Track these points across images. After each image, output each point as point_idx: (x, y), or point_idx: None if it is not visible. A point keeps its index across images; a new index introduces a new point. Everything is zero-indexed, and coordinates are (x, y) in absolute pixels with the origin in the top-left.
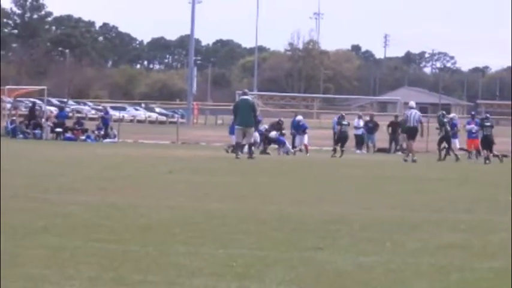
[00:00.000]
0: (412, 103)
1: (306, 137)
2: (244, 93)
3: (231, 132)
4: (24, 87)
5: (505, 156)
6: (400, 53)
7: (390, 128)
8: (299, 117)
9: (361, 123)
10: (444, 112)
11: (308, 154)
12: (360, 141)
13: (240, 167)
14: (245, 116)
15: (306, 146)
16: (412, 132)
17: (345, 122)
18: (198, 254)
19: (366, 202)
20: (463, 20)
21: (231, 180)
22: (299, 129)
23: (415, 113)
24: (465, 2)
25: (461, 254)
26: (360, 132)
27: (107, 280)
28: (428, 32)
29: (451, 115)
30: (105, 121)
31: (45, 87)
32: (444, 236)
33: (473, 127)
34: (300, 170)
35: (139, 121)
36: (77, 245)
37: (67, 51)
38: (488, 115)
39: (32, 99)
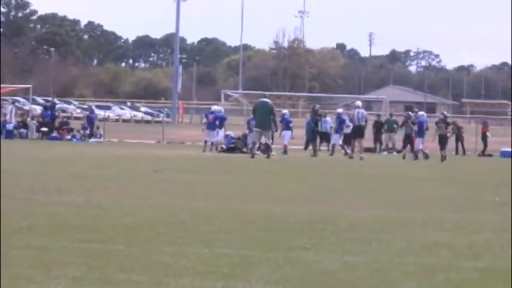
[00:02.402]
0: (358, 103)
1: (287, 135)
2: (264, 96)
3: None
4: (8, 85)
5: (490, 155)
6: (385, 51)
7: (375, 128)
8: (284, 111)
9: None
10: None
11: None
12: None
13: (224, 166)
14: (263, 119)
15: (285, 146)
16: (358, 131)
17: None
18: (183, 254)
19: (351, 201)
20: (447, 18)
21: (216, 180)
22: (283, 123)
23: (360, 112)
24: (450, 0)
25: (446, 253)
26: (348, 131)
27: (92, 280)
28: (414, 30)
29: (420, 113)
30: (90, 120)
31: (30, 85)
32: (429, 236)
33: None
34: (284, 169)
35: (124, 120)
36: (62, 245)
37: (52, 49)
38: (445, 113)
39: (49, 99)
